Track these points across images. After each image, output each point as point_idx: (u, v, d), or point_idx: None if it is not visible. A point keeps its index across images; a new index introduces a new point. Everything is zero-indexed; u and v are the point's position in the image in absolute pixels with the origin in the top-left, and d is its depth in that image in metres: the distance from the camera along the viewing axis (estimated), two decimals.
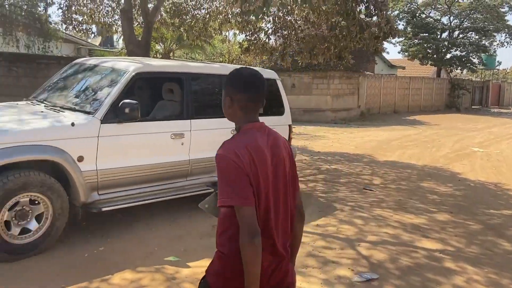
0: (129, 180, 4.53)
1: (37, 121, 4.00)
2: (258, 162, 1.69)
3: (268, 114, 6.00)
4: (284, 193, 1.79)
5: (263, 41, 11.72)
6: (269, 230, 1.71)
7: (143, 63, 4.87)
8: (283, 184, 1.78)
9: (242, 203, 1.62)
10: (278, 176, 1.76)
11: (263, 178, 1.69)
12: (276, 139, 1.83)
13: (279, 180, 1.76)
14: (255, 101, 1.84)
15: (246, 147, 1.71)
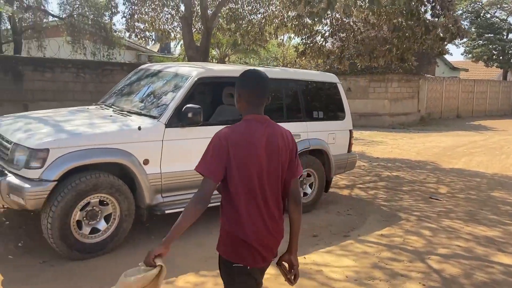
0: (191, 184, 4.56)
1: (106, 125, 4.15)
2: (247, 145, 2.00)
3: (327, 119, 5.87)
4: (276, 176, 2.06)
5: (319, 44, 11.56)
6: (265, 200, 2.04)
7: (205, 68, 4.92)
8: (275, 168, 2.05)
9: (204, 173, 2.00)
10: (271, 161, 2.04)
11: (252, 158, 2.00)
12: (274, 130, 2.10)
13: (271, 164, 2.04)
14: (258, 96, 2.14)
15: (238, 132, 2.03)
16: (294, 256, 2.16)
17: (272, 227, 2.08)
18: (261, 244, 2.04)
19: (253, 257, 2.03)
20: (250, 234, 2.01)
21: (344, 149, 6.15)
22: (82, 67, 11.26)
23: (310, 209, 5.74)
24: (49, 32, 14.87)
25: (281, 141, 2.09)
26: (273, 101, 5.46)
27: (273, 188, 2.06)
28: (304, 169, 5.57)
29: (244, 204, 2.02)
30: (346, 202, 6.33)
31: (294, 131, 5.49)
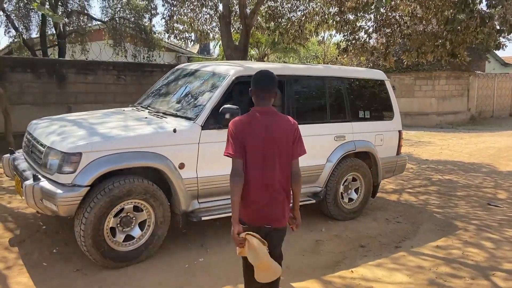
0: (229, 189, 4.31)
1: (141, 127, 3.96)
2: (249, 132, 2.51)
3: (374, 119, 5.46)
4: (273, 157, 2.52)
5: (363, 40, 11.05)
6: (266, 177, 2.52)
7: (243, 66, 4.65)
8: (273, 151, 2.51)
9: (231, 154, 2.53)
10: (268, 145, 2.50)
11: (253, 142, 2.50)
12: (275, 119, 2.57)
13: (268, 147, 2.51)
14: (262, 92, 2.61)
15: (243, 121, 2.57)
16: (296, 212, 2.73)
17: (272, 198, 2.55)
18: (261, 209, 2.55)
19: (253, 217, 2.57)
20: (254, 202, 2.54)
21: (393, 151, 5.71)
22: (123, 69, 11.32)
23: (355, 215, 5.35)
24: (91, 36, 15.19)
25: (280, 129, 2.55)
26: (315, 100, 5.14)
27: (273, 167, 2.52)
28: (349, 173, 5.20)
29: (252, 178, 2.52)
30: (395, 209, 5.87)
31: (338, 132, 5.16)
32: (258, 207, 2.55)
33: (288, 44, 12.88)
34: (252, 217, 2.58)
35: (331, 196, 5.07)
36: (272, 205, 2.56)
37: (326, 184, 5.04)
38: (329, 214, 5.19)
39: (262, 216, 2.58)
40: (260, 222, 2.58)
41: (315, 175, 4.95)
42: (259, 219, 2.58)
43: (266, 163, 2.51)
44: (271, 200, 2.56)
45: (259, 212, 2.57)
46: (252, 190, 2.52)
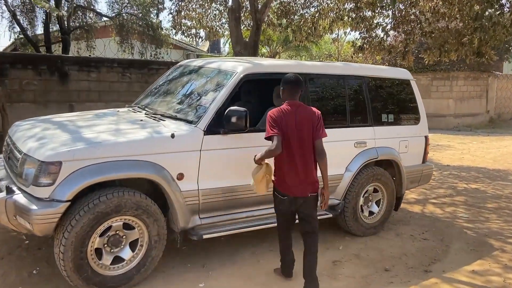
0: (235, 202, 3.79)
1: (134, 131, 3.44)
2: (285, 119, 3.23)
3: (399, 123, 4.89)
4: (303, 140, 3.26)
5: (380, 38, 10.45)
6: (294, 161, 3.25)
7: (253, 62, 4.11)
8: (302, 135, 3.25)
9: (273, 133, 3.18)
10: (300, 130, 3.25)
11: (288, 129, 3.22)
12: (304, 111, 3.32)
13: (300, 132, 3.25)
14: (294, 89, 3.35)
15: (280, 111, 3.27)
16: (325, 190, 3.34)
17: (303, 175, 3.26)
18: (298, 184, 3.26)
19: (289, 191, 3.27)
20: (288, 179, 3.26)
21: (418, 159, 5.12)
22: (128, 66, 10.84)
23: (376, 231, 4.79)
24: (98, 33, 14.76)
25: (306, 117, 3.26)
26: (333, 101, 4.58)
27: (305, 149, 3.23)
28: (371, 183, 4.63)
29: (286, 160, 3.23)
30: (419, 222, 5.29)
31: (359, 138, 4.58)
32: (295, 182, 3.25)
33: (300, 41, 12.30)
34: (291, 191, 3.28)
35: (350, 210, 4.51)
36: (305, 179, 3.27)
37: (344, 196, 4.48)
38: (347, 229, 4.63)
39: (299, 189, 3.27)
40: (298, 194, 3.28)
41: (332, 186, 4.38)
42: (297, 192, 3.27)
43: (300, 144, 3.23)
44: (305, 176, 3.26)
45: (296, 186, 3.26)
46: (288, 168, 3.25)
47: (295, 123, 3.22)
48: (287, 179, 3.25)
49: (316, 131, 3.29)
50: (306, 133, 3.24)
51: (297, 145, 3.22)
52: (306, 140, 3.24)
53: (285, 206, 3.36)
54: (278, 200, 3.39)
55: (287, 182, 3.26)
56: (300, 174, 3.24)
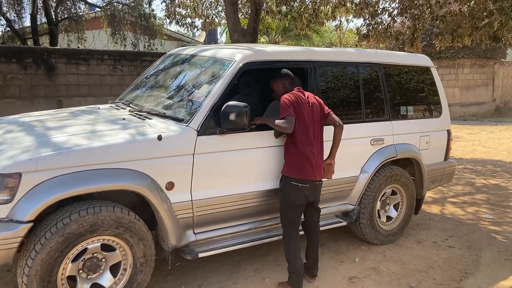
0: (235, 213, 3.24)
1: (113, 133, 2.87)
2: (301, 102, 3.18)
3: (419, 116, 4.34)
4: (316, 125, 3.24)
5: (386, 24, 9.85)
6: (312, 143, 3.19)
7: (253, 49, 3.53)
8: (314, 119, 3.23)
9: (288, 114, 3.07)
10: (314, 112, 3.24)
11: (305, 111, 3.18)
12: (310, 96, 3.30)
13: (314, 115, 3.24)
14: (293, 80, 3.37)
15: (295, 94, 3.21)
16: (332, 159, 3.38)
17: (320, 156, 3.26)
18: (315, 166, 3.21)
19: (312, 175, 3.19)
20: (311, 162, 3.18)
21: (440, 156, 4.57)
22: (119, 58, 10.23)
23: (395, 238, 4.25)
24: (88, 24, 14.11)
25: (315, 102, 3.30)
26: (346, 93, 4.01)
27: (318, 132, 3.26)
28: (388, 185, 4.09)
29: (305, 143, 3.17)
30: (440, 226, 4.75)
31: (375, 134, 3.99)
32: (316, 164, 3.19)
33: (301, 30, 11.66)
34: (314, 174, 3.19)
35: (366, 216, 3.96)
36: (321, 161, 3.27)
37: (359, 201, 3.93)
38: (362, 237, 4.10)
39: (319, 171, 3.24)
40: (318, 176, 3.25)
41: (345, 190, 3.85)
42: (318, 174, 3.24)
43: (314, 127, 3.21)
44: (321, 158, 3.26)
45: (317, 169, 3.21)
46: (309, 151, 3.16)
47: (310, 106, 3.21)
48: (311, 161, 3.16)
49: (325, 112, 3.33)
50: (319, 117, 3.26)
51: (312, 128, 3.19)
52: (318, 123, 3.25)
53: (303, 196, 3.18)
54: (296, 191, 3.15)
55: (311, 165, 3.16)
56: (318, 155, 3.22)
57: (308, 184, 3.15)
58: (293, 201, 3.17)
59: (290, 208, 3.20)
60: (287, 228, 3.22)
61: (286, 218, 3.22)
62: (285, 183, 3.20)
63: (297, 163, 3.15)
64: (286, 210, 3.22)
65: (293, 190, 3.15)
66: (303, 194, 3.15)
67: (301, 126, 3.12)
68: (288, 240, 3.20)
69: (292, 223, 3.21)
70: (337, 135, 3.32)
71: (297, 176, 3.14)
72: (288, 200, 3.18)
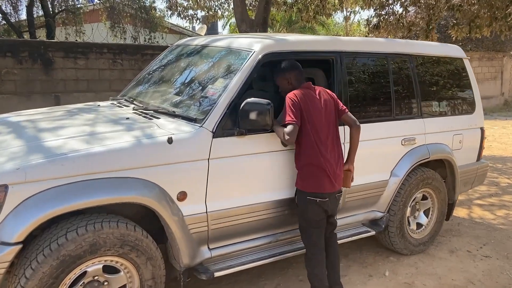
0: (256, 225, 2.85)
1: (116, 136, 2.47)
2: (310, 103, 2.73)
3: (451, 113, 3.94)
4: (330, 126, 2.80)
5: (398, 14, 9.42)
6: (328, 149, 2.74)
7: (274, 38, 3.12)
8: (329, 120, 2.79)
9: (289, 121, 2.65)
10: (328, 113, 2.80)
11: (316, 113, 2.73)
12: (322, 92, 2.84)
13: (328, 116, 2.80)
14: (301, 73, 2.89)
15: (302, 93, 2.75)
16: (351, 165, 2.92)
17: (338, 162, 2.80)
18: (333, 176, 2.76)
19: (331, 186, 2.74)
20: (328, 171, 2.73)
21: (473, 156, 4.18)
22: (119, 52, 9.79)
23: (425, 247, 3.87)
24: (87, 17, 13.66)
25: (329, 99, 2.84)
26: (375, 87, 3.60)
27: (334, 134, 2.81)
28: (420, 189, 3.70)
29: (316, 148, 2.71)
30: (472, 232, 4.37)
31: (406, 133, 3.57)
32: (334, 172, 2.75)
33: (307, 21, 11.21)
34: (333, 185, 2.76)
35: (395, 224, 3.58)
36: (341, 167, 2.83)
37: (388, 208, 3.54)
38: (391, 247, 3.71)
39: (338, 180, 2.81)
40: (338, 186, 2.82)
41: (373, 196, 3.46)
42: (337, 184, 2.80)
43: (329, 129, 2.78)
44: (340, 163, 2.83)
45: (336, 178, 2.77)
46: (324, 159, 2.71)
47: (322, 105, 2.78)
48: (327, 171, 2.71)
49: (340, 109, 2.88)
50: (333, 116, 2.83)
51: (326, 130, 2.76)
52: (333, 124, 2.83)
53: (323, 211, 2.77)
54: (314, 207, 2.74)
55: (327, 175, 2.72)
56: (335, 162, 2.79)
57: (327, 198, 2.74)
58: (312, 218, 2.78)
59: (310, 225, 2.81)
60: (311, 249, 2.82)
61: (309, 238, 2.83)
62: (301, 198, 2.80)
63: (312, 175, 2.73)
64: (306, 229, 2.83)
65: (311, 205, 2.75)
66: (322, 209, 2.76)
67: (312, 131, 2.70)
68: (313, 262, 2.80)
69: (316, 244, 2.81)
70: (355, 136, 2.87)
71: (313, 190, 2.73)
72: (306, 217, 2.80)
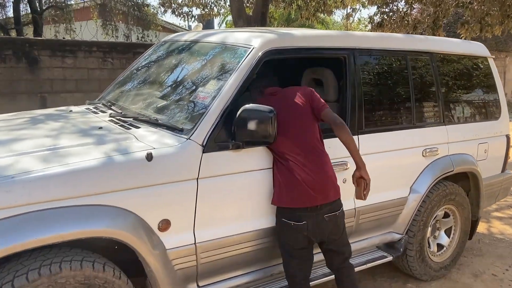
0: (255, 255, 2.38)
1: (82, 150, 1.99)
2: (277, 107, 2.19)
3: (475, 119, 3.49)
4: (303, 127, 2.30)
5: (403, 12, 8.99)
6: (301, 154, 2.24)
7: (276, 32, 2.64)
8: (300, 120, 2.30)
9: None
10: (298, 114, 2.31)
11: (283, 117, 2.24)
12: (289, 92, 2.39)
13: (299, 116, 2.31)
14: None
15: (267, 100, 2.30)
16: (364, 171, 2.33)
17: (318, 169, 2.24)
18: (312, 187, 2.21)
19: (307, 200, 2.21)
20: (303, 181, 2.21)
21: (498, 167, 3.73)
22: (109, 50, 9.31)
23: (447, 271, 3.42)
24: (77, 15, 13.18)
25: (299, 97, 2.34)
26: (392, 90, 3.13)
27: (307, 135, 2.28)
28: (442, 206, 3.25)
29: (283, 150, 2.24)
30: (494, 251, 3.92)
31: (428, 142, 2.97)
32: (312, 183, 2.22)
33: (307, 19, 10.75)
34: (310, 199, 2.23)
35: (414, 247, 3.12)
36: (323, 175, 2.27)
37: (407, 229, 3.08)
38: (409, 272, 3.26)
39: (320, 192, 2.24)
40: (319, 200, 2.24)
41: (390, 215, 2.99)
42: (318, 197, 2.23)
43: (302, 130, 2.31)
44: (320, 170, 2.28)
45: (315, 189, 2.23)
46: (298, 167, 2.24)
47: (289, 107, 2.32)
48: (300, 177, 2.21)
49: (316, 106, 2.34)
50: (306, 116, 2.32)
51: (298, 132, 2.28)
52: (307, 124, 2.31)
53: (302, 238, 2.25)
54: (290, 231, 2.25)
55: (301, 183, 2.20)
56: (314, 167, 2.24)
57: (305, 221, 2.21)
58: (288, 244, 2.29)
59: (287, 254, 2.31)
60: (289, 282, 2.35)
61: (286, 267, 2.34)
62: (276, 219, 2.31)
63: (284, 185, 2.23)
64: (283, 255, 2.35)
65: (285, 229, 2.26)
66: (301, 235, 2.24)
67: (281, 139, 2.23)
68: None
69: (294, 276, 2.32)
70: (342, 136, 2.28)
71: (287, 204, 2.23)
72: (283, 243, 2.32)
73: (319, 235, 2.28)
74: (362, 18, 10.26)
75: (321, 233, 2.28)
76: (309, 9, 10.12)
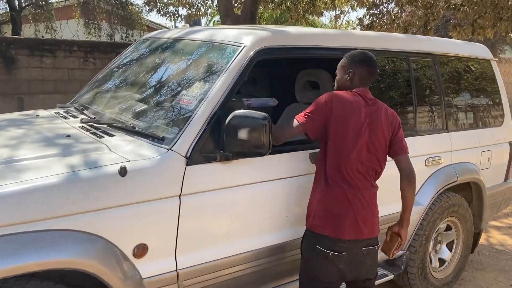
0: (247, 279, 2.11)
1: (43, 164, 1.70)
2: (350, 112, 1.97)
3: (478, 125, 3.27)
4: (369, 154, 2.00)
5: (393, 14, 8.85)
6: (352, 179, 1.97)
7: (270, 30, 2.38)
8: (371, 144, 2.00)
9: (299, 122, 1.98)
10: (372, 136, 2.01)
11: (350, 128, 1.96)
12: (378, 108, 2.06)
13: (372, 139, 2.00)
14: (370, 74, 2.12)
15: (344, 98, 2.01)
16: (405, 230, 2.17)
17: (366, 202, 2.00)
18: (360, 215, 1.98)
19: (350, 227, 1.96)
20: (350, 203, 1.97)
21: (500, 176, 3.53)
22: (91, 50, 8.95)
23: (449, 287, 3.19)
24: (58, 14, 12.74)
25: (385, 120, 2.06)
26: (393, 94, 2.91)
27: (369, 164, 2.02)
28: (444, 219, 3.03)
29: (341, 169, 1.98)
30: (495, 264, 3.73)
31: (431, 151, 2.77)
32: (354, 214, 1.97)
33: (297, 20, 10.54)
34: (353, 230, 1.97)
35: (416, 263, 2.89)
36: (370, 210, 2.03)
37: (409, 244, 2.85)
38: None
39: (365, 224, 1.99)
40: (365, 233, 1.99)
41: None
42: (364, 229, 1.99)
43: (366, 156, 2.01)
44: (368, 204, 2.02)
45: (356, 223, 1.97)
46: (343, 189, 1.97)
47: (366, 124, 2.00)
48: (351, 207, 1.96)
49: (399, 146, 2.11)
50: (378, 143, 2.04)
51: (357, 156, 1.98)
52: (376, 152, 2.04)
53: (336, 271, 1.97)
54: (324, 262, 1.96)
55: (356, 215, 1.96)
56: (368, 200, 2.01)
57: (345, 252, 1.94)
58: (317, 276, 2.00)
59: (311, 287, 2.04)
60: None
61: None
62: (308, 244, 2.03)
63: (331, 209, 1.96)
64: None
65: (319, 259, 1.97)
66: (335, 267, 1.97)
67: (340, 149, 1.96)
68: None
69: None
70: (408, 191, 2.10)
71: (330, 232, 1.95)
72: (309, 273, 2.03)
73: (354, 271, 2.01)
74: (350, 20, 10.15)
75: (357, 269, 2.02)
76: (298, 10, 9.91)
